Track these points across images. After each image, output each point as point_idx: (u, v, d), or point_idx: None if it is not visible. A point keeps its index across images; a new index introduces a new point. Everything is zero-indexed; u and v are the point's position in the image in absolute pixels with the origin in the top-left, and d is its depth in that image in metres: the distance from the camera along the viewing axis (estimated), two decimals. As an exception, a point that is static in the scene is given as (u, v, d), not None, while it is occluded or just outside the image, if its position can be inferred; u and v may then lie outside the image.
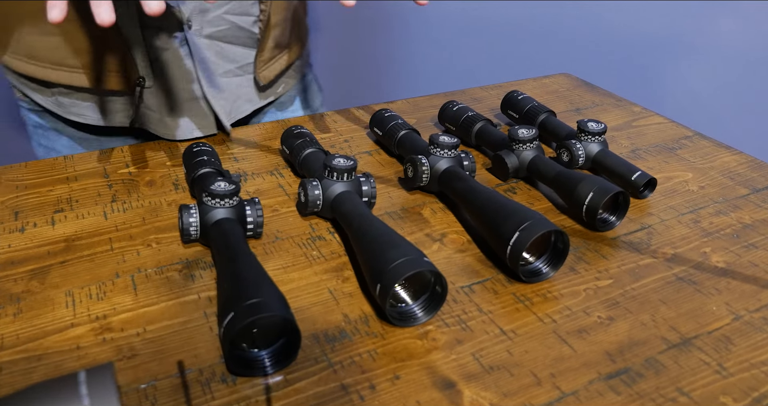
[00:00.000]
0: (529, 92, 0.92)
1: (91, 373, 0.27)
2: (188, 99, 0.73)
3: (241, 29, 0.74)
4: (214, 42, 0.72)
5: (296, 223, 0.60)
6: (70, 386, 0.27)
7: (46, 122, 0.78)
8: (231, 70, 0.75)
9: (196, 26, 0.69)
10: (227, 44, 0.73)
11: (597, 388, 0.43)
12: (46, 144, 0.80)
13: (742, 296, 0.52)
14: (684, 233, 0.60)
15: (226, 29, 0.72)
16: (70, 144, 0.79)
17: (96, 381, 0.27)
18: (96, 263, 0.54)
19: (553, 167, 0.64)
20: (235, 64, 0.75)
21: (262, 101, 0.81)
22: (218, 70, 0.74)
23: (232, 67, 0.75)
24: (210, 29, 0.71)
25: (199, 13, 0.69)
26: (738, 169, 0.72)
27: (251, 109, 0.80)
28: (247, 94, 0.79)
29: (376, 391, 0.42)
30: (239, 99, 0.78)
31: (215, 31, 0.71)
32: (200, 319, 0.48)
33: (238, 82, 0.77)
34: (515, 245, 0.51)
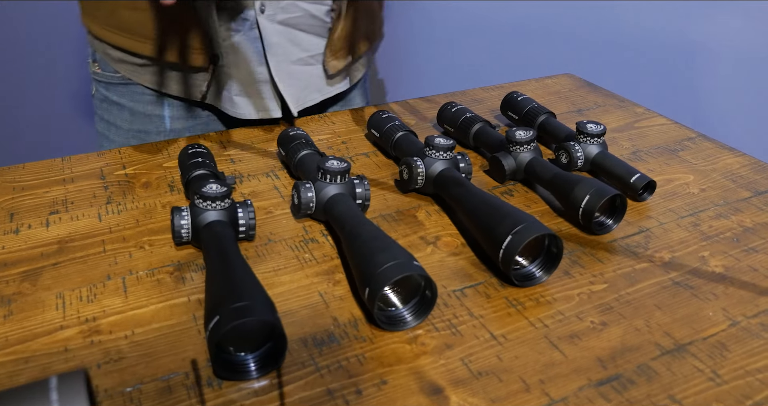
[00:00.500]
0: (531, 93, 0.91)
1: (63, 379, 0.27)
2: (256, 81, 0.77)
3: (314, 18, 0.77)
4: (287, 28, 0.76)
5: (290, 225, 0.60)
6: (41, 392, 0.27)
7: (112, 95, 0.82)
8: (303, 58, 0.79)
9: (269, 11, 0.73)
10: (300, 32, 0.77)
11: (587, 395, 0.42)
12: (108, 119, 0.84)
13: (740, 302, 0.51)
14: (682, 237, 0.59)
15: (298, 17, 0.76)
16: (130, 119, 0.82)
17: (67, 388, 0.27)
18: (88, 265, 0.54)
19: (550, 169, 0.63)
20: (307, 52, 0.79)
21: (330, 92, 0.85)
22: (291, 56, 0.78)
23: (304, 55, 0.79)
24: (283, 16, 0.75)
25: None
26: (741, 172, 0.71)
27: (320, 98, 0.84)
28: (317, 84, 0.82)
29: (363, 396, 0.42)
30: (308, 88, 0.81)
31: (288, 18, 0.75)
32: (189, 322, 0.48)
33: (310, 72, 0.81)
34: (508, 248, 0.50)
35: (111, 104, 0.83)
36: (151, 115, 0.81)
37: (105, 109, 0.84)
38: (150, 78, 0.79)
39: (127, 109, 0.82)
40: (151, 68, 0.78)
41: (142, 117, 0.81)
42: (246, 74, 0.77)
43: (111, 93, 0.82)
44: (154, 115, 0.81)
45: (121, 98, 0.81)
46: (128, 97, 0.81)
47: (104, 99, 0.83)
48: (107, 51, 0.79)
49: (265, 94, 0.79)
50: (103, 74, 0.82)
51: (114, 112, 0.83)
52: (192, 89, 0.78)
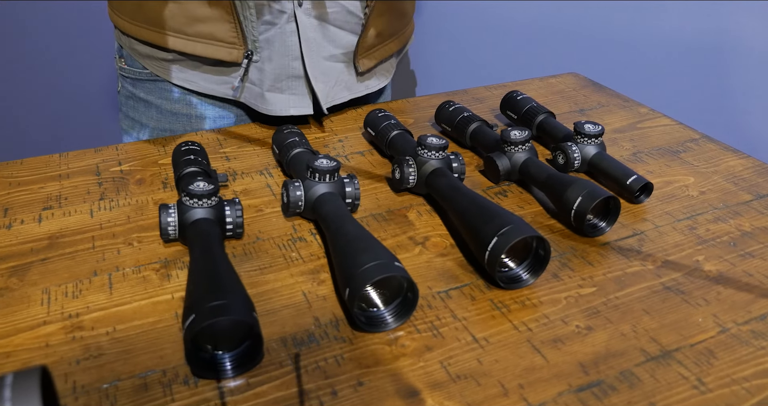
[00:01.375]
0: (534, 92, 0.90)
1: (18, 376, 0.27)
2: (290, 76, 0.76)
3: (350, 14, 0.76)
4: (323, 24, 0.75)
5: (279, 224, 0.60)
6: (-5, 388, 0.27)
7: (138, 92, 0.82)
8: (336, 54, 0.78)
9: (306, 5, 0.72)
10: (335, 28, 0.76)
11: (566, 400, 0.42)
12: (133, 116, 0.84)
13: (731, 308, 0.50)
14: (678, 240, 0.58)
15: (335, 12, 0.75)
16: (157, 117, 0.82)
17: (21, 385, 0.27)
18: (76, 261, 0.54)
19: (545, 170, 0.62)
20: (341, 49, 0.78)
21: (359, 91, 0.83)
22: (323, 52, 0.77)
23: (337, 52, 0.78)
24: (320, 10, 0.74)
25: None
26: (743, 174, 0.70)
27: (348, 96, 0.82)
28: (347, 81, 0.81)
29: (338, 397, 0.42)
30: (338, 85, 0.80)
31: (324, 13, 0.74)
32: (171, 319, 0.48)
33: (341, 69, 0.79)
34: (493, 249, 0.50)
35: (137, 101, 0.82)
36: (179, 113, 0.80)
37: (131, 106, 0.83)
38: (178, 75, 0.78)
39: (154, 107, 0.81)
40: (179, 64, 0.77)
41: (170, 115, 0.81)
42: (279, 69, 0.75)
43: (138, 90, 0.82)
44: (182, 113, 0.80)
45: (148, 95, 0.81)
46: (156, 94, 0.80)
47: (130, 96, 0.83)
48: (134, 46, 0.79)
49: (297, 89, 0.77)
50: (130, 70, 0.81)
51: (140, 110, 0.82)
52: (223, 86, 0.77)
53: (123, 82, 0.84)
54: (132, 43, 0.79)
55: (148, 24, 0.74)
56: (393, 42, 0.84)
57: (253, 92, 0.77)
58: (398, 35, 0.85)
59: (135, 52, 0.79)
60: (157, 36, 0.74)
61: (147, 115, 0.82)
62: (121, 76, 0.84)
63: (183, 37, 0.73)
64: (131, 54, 0.80)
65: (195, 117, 0.81)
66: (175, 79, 0.78)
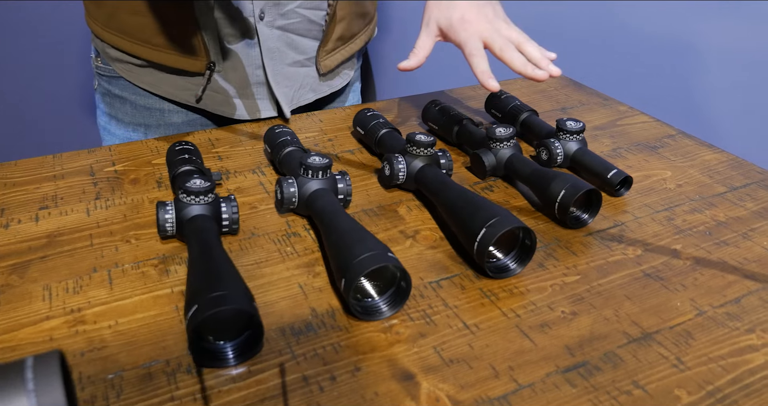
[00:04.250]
0: (517, 91, 0.93)
1: (39, 359, 0.29)
2: (253, 84, 0.79)
3: (312, 22, 0.80)
4: (285, 33, 0.78)
5: (273, 220, 0.61)
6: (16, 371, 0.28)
7: (114, 89, 0.84)
8: (299, 60, 0.81)
9: (268, 18, 0.76)
10: (297, 36, 0.79)
11: (553, 380, 0.44)
12: (110, 112, 0.87)
13: (708, 292, 0.53)
14: (656, 231, 0.61)
15: (297, 22, 0.78)
16: (132, 112, 0.84)
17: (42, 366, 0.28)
18: (75, 258, 0.55)
19: (529, 165, 0.65)
20: (304, 55, 0.81)
21: (323, 91, 0.87)
22: (286, 59, 0.80)
23: (300, 58, 0.81)
24: (282, 22, 0.77)
25: (273, 6, 0.75)
26: (718, 168, 0.73)
27: (314, 97, 0.86)
28: (311, 84, 0.85)
29: (336, 382, 0.43)
30: (303, 87, 0.84)
31: (287, 24, 0.78)
32: (171, 312, 0.49)
33: (305, 73, 0.83)
34: (482, 240, 0.52)
35: (113, 98, 0.85)
36: (152, 108, 0.83)
37: (107, 102, 0.86)
38: (145, 79, 0.81)
39: (129, 103, 0.84)
40: (147, 70, 0.80)
41: (144, 110, 0.83)
42: (242, 77, 0.79)
43: (113, 87, 0.84)
44: (155, 108, 0.83)
45: (123, 91, 0.83)
46: (130, 91, 0.83)
47: (107, 93, 0.85)
48: (106, 50, 0.82)
49: (260, 95, 0.81)
50: (106, 68, 0.84)
51: (116, 106, 0.85)
52: (186, 93, 0.80)
53: (99, 80, 0.87)
54: (104, 47, 0.82)
55: (120, 32, 0.77)
56: (355, 42, 0.87)
57: (217, 99, 0.80)
58: (361, 34, 0.88)
59: (106, 55, 0.82)
60: (126, 44, 0.78)
61: (122, 111, 0.85)
62: (98, 74, 0.87)
63: (150, 47, 0.76)
64: (104, 56, 0.83)
65: (167, 111, 0.84)
66: (141, 84, 0.81)
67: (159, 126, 0.84)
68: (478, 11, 0.68)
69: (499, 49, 0.65)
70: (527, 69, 0.64)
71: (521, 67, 0.64)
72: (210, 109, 0.81)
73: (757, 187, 0.68)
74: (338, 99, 0.93)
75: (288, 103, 0.82)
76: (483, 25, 0.67)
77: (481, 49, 0.66)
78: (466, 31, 0.67)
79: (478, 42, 0.66)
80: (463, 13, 0.68)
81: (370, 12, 0.88)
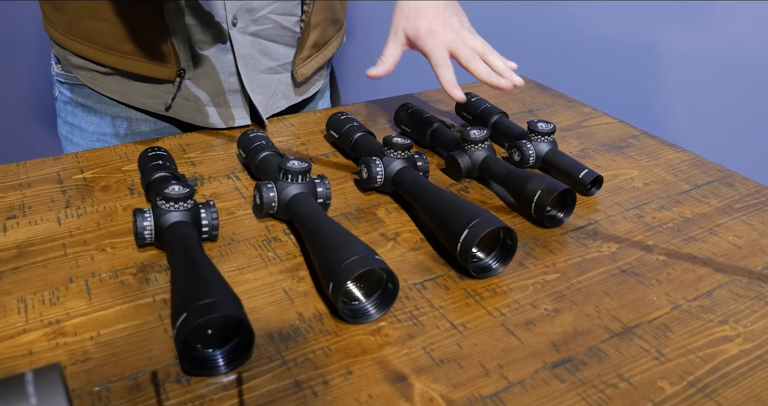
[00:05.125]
0: (484, 94, 0.94)
1: (39, 373, 0.28)
2: (227, 91, 0.78)
3: (285, 28, 0.79)
4: (258, 40, 0.77)
5: (252, 225, 0.61)
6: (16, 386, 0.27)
7: (76, 97, 0.81)
8: (272, 67, 0.80)
9: (241, 24, 0.74)
10: (270, 42, 0.78)
11: (542, 377, 0.45)
12: (72, 121, 0.83)
13: (681, 286, 0.55)
14: (628, 228, 0.63)
15: (270, 28, 0.77)
16: (96, 121, 0.81)
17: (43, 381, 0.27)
18: (49, 268, 0.53)
19: (504, 167, 0.66)
20: (277, 61, 0.80)
21: (297, 98, 0.86)
22: (259, 66, 0.79)
23: (273, 64, 0.80)
24: (255, 27, 0.76)
25: (246, 12, 0.74)
26: (681, 166, 0.75)
27: (286, 104, 0.85)
28: (284, 91, 0.84)
29: (329, 386, 0.43)
30: (276, 95, 0.83)
31: (260, 30, 0.76)
32: (155, 321, 0.48)
33: (278, 79, 0.82)
34: (465, 241, 0.52)
35: (76, 106, 0.81)
36: (118, 117, 0.80)
37: (69, 111, 0.82)
38: (111, 87, 0.78)
39: (94, 112, 0.80)
40: (112, 77, 0.77)
41: (109, 119, 0.80)
42: (215, 85, 0.77)
43: (76, 95, 0.81)
44: (122, 117, 0.80)
45: (87, 100, 0.80)
46: (94, 99, 0.80)
47: (68, 101, 0.82)
48: (67, 57, 0.78)
49: (234, 102, 0.79)
50: (67, 75, 0.80)
51: (79, 115, 0.81)
52: (155, 101, 0.78)
53: (60, 88, 0.83)
54: (65, 54, 0.78)
55: (83, 39, 0.74)
56: (328, 49, 0.87)
57: (188, 107, 0.78)
58: (333, 41, 0.88)
59: (68, 62, 0.79)
60: (90, 51, 0.74)
61: (87, 120, 0.82)
62: (58, 82, 0.83)
63: (116, 54, 0.73)
64: (65, 64, 0.80)
65: (135, 120, 0.81)
66: (107, 92, 0.78)
67: (126, 135, 0.81)
68: (445, 22, 0.69)
69: (465, 59, 0.67)
70: (492, 78, 0.66)
71: (486, 77, 0.66)
72: (180, 117, 0.79)
73: (719, 185, 0.71)
74: (308, 106, 0.93)
75: (264, 110, 0.81)
76: (449, 36, 0.68)
77: (447, 59, 0.67)
78: (432, 41, 0.68)
79: (444, 52, 0.67)
80: (430, 24, 0.69)
81: (341, 18, 0.88)
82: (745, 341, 0.49)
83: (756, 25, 1.00)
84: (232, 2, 0.72)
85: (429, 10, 0.69)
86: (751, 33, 1.01)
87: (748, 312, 0.52)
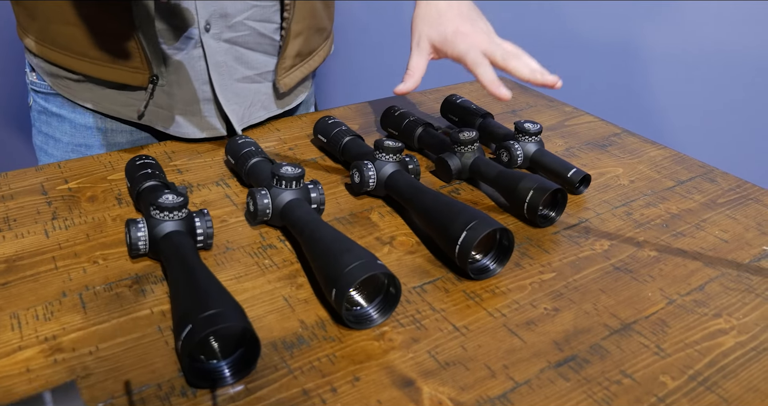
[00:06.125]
0: (466, 95, 0.95)
1: (56, 392, 0.27)
2: (199, 100, 0.75)
3: (263, 36, 0.75)
4: (234, 47, 0.74)
5: (246, 232, 0.60)
6: (34, 407, 0.27)
7: (51, 106, 0.79)
8: (250, 76, 0.77)
9: (215, 30, 0.71)
10: (247, 50, 0.75)
11: (548, 376, 0.45)
12: (47, 131, 0.80)
13: (674, 282, 0.56)
14: (618, 225, 0.64)
15: (246, 35, 0.74)
16: (71, 132, 0.79)
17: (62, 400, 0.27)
18: (40, 282, 0.52)
19: (494, 168, 0.66)
20: (255, 70, 0.77)
21: (277, 109, 0.83)
22: (236, 75, 0.75)
23: (251, 73, 0.77)
24: (230, 34, 0.72)
25: (220, 17, 0.71)
26: (663, 163, 0.77)
27: (266, 116, 0.82)
28: (263, 101, 0.80)
29: (338, 393, 0.43)
30: (254, 105, 0.79)
31: (235, 37, 0.73)
32: (155, 334, 0.47)
33: (256, 89, 0.79)
34: (463, 243, 0.53)
35: (50, 116, 0.79)
36: (93, 127, 0.78)
37: (44, 121, 0.80)
38: (84, 95, 0.75)
39: (68, 121, 0.78)
40: (85, 85, 0.75)
41: (84, 129, 0.78)
42: (189, 93, 0.74)
43: (50, 104, 0.78)
44: (96, 127, 0.78)
45: (61, 109, 0.78)
46: (68, 108, 0.77)
47: (43, 110, 0.80)
48: (40, 64, 0.76)
49: (207, 112, 0.76)
50: (41, 84, 0.78)
51: (53, 125, 0.79)
52: (128, 109, 0.76)
53: (35, 97, 0.81)
54: (39, 62, 0.76)
55: (54, 45, 0.72)
56: (314, 58, 0.85)
57: (161, 116, 0.75)
58: (318, 50, 0.85)
59: (41, 70, 0.77)
60: (62, 57, 0.72)
61: (61, 130, 0.79)
62: (33, 91, 0.81)
63: (87, 60, 0.71)
64: (38, 72, 0.78)
65: (110, 130, 0.79)
66: (79, 100, 0.76)
67: (102, 146, 0.79)
68: (473, 24, 0.68)
69: (502, 58, 0.65)
70: (536, 76, 0.64)
71: (530, 75, 0.65)
72: (154, 125, 0.76)
73: (702, 180, 0.73)
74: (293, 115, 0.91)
75: (238, 121, 0.78)
76: (481, 36, 0.67)
77: (485, 59, 0.66)
78: (464, 42, 0.67)
79: (479, 52, 0.66)
80: (457, 27, 0.68)
81: (327, 28, 0.86)
82: (740, 333, 0.50)
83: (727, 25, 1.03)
84: (204, 7, 0.69)
85: (453, 13, 0.68)
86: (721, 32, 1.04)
87: (740, 305, 0.53)
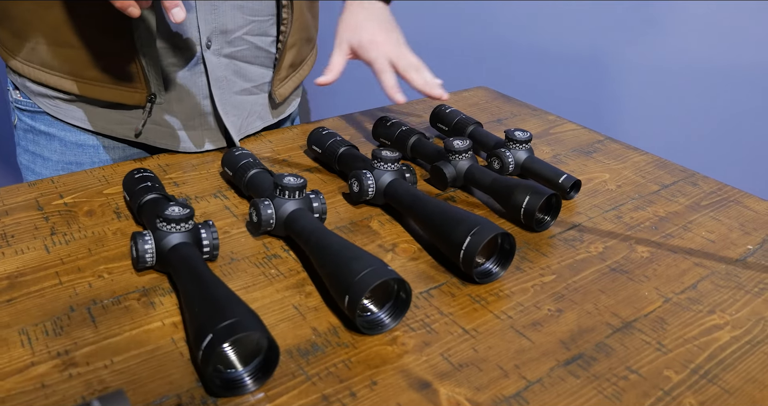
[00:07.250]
0: (451, 105, 0.97)
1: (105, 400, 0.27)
2: (199, 114, 0.76)
3: (260, 49, 0.78)
4: (233, 61, 0.76)
5: (249, 243, 0.61)
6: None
7: (38, 125, 0.77)
8: (247, 88, 0.79)
9: (215, 46, 0.72)
10: (245, 64, 0.77)
11: (558, 374, 0.47)
12: (34, 150, 0.79)
13: (668, 281, 0.58)
14: (610, 229, 0.66)
15: (245, 49, 0.76)
16: (61, 150, 0.77)
17: (110, 408, 0.27)
18: (47, 298, 0.52)
19: (489, 175, 0.68)
20: (251, 83, 0.79)
21: (272, 119, 0.86)
22: (234, 88, 0.77)
23: (248, 85, 0.79)
24: (229, 49, 0.74)
25: (220, 33, 0.72)
26: (647, 168, 0.80)
27: (261, 126, 0.84)
28: (260, 112, 0.83)
29: (357, 398, 0.44)
30: (251, 116, 0.81)
31: (234, 51, 0.75)
32: (169, 345, 0.47)
33: (253, 100, 0.81)
34: (468, 249, 0.54)
35: (38, 134, 0.77)
36: (84, 145, 0.77)
37: (30, 140, 0.78)
38: (75, 114, 0.74)
39: (57, 139, 0.77)
40: (77, 104, 0.74)
41: (75, 147, 0.77)
42: (188, 108, 0.75)
43: (37, 122, 0.77)
44: (88, 145, 0.77)
45: (49, 127, 0.76)
46: (57, 126, 0.76)
47: (29, 129, 0.78)
48: (26, 84, 0.75)
49: (206, 126, 0.77)
50: (27, 102, 0.76)
51: (41, 143, 0.78)
52: (123, 127, 0.75)
53: (20, 115, 0.79)
54: (24, 82, 0.75)
55: (44, 66, 0.71)
56: (303, 68, 0.87)
57: (160, 133, 0.76)
58: (308, 59, 0.88)
59: (27, 89, 0.75)
60: (53, 78, 0.71)
61: (50, 149, 0.78)
62: (17, 109, 0.79)
63: (81, 81, 0.71)
64: (23, 91, 0.76)
65: (103, 147, 0.78)
66: (71, 119, 0.75)
67: (93, 163, 0.78)
68: (387, 35, 0.76)
69: (403, 69, 0.74)
70: (426, 87, 0.74)
71: (422, 86, 0.74)
72: (152, 142, 0.76)
73: (684, 184, 0.76)
74: (282, 126, 0.92)
75: (237, 132, 0.79)
76: (390, 47, 0.75)
77: (390, 67, 0.74)
78: (376, 50, 0.75)
79: (386, 60, 0.74)
80: (372, 36, 0.76)
81: (314, 37, 0.89)
82: (734, 328, 0.52)
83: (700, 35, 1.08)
84: (205, 24, 0.70)
85: (371, 24, 0.77)
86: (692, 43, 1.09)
87: (732, 301, 0.56)
